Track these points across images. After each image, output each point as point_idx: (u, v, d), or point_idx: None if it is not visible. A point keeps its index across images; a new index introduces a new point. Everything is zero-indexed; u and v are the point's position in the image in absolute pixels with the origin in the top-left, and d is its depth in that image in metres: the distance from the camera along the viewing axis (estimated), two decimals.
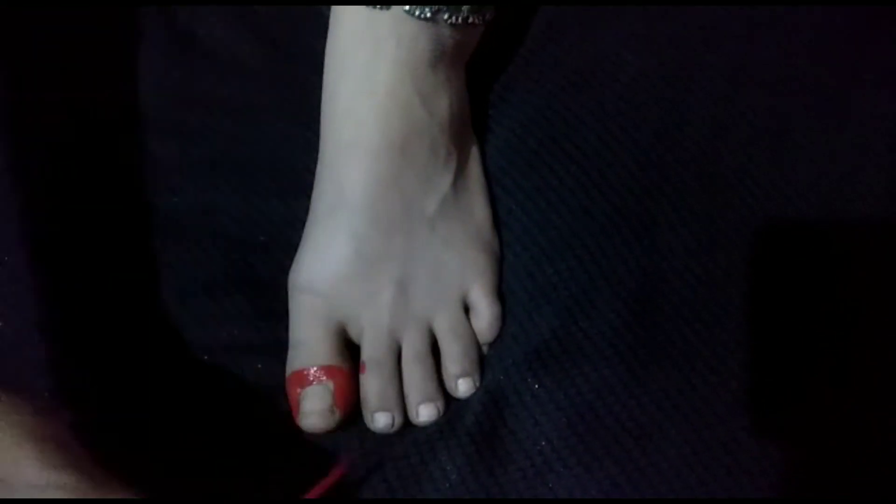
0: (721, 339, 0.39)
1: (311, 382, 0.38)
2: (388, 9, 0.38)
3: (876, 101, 0.43)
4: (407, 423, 0.39)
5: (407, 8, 0.38)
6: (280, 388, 0.39)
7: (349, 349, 0.40)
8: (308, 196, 0.41)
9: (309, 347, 0.39)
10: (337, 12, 0.40)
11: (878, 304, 0.39)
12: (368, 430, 0.39)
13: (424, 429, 0.39)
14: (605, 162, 0.42)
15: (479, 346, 0.41)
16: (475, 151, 0.43)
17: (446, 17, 0.39)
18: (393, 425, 0.39)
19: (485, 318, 0.41)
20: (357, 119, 0.39)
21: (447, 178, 0.41)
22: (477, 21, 0.40)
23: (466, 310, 0.41)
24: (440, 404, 0.39)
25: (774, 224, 0.41)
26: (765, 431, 0.37)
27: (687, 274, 0.40)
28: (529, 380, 0.39)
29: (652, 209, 0.41)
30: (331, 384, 0.38)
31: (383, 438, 0.39)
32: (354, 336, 0.40)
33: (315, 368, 0.38)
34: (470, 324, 0.41)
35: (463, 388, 0.40)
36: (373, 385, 0.39)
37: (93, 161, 0.43)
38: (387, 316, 0.39)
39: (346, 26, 0.39)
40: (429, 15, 0.38)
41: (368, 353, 0.39)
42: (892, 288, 0.39)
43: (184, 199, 0.43)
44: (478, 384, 0.40)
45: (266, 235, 0.43)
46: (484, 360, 0.41)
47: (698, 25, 0.45)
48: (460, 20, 0.39)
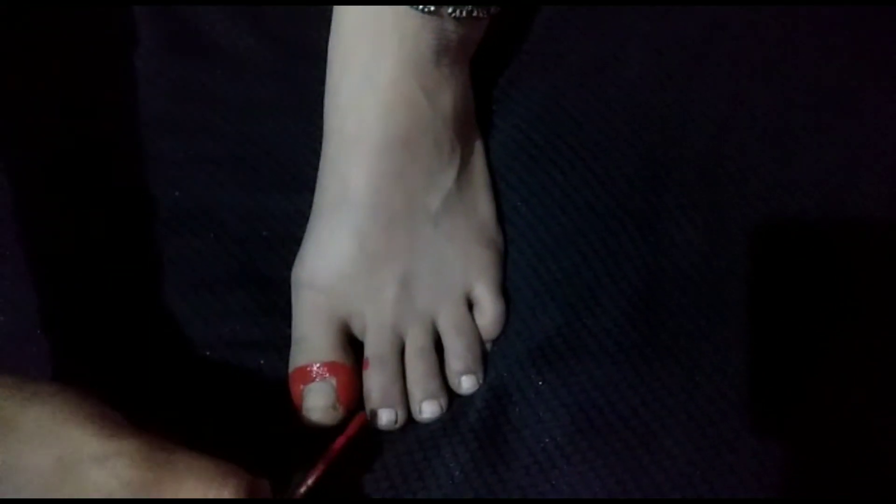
0: (724, 336, 0.39)
1: (313, 379, 0.38)
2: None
3: (881, 99, 0.43)
4: (410, 420, 0.39)
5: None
6: (283, 383, 0.39)
7: (352, 345, 0.40)
8: (311, 191, 0.41)
9: (312, 343, 0.39)
10: (339, 7, 0.39)
11: (880, 303, 0.39)
12: (371, 427, 0.39)
13: (428, 425, 0.39)
14: (609, 158, 0.42)
15: (482, 342, 0.41)
16: (479, 147, 0.43)
17: (450, 10, 0.38)
18: (396, 422, 0.39)
19: (488, 314, 0.40)
20: (360, 114, 0.39)
21: (451, 174, 0.41)
22: (481, 14, 0.40)
23: (470, 306, 0.41)
24: (443, 401, 0.39)
25: (778, 222, 0.41)
26: (767, 429, 0.37)
27: (691, 271, 0.40)
28: (533, 376, 0.39)
29: (656, 206, 0.41)
30: (334, 381, 0.38)
31: (386, 435, 0.39)
32: (357, 332, 0.40)
33: (318, 365, 0.38)
34: (473, 320, 0.41)
35: (466, 384, 0.40)
36: (376, 381, 0.39)
37: (94, 157, 0.43)
38: (390, 312, 0.39)
39: (348, 21, 0.39)
40: (432, 8, 0.38)
41: (372, 349, 0.39)
42: (894, 287, 0.39)
43: (186, 194, 0.43)
44: (481, 381, 0.40)
45: (268, 231, 0.42)
46: (487, 357, 0.41)
47: (702, 23, 0.45)
48: (464, 13, 0.39)
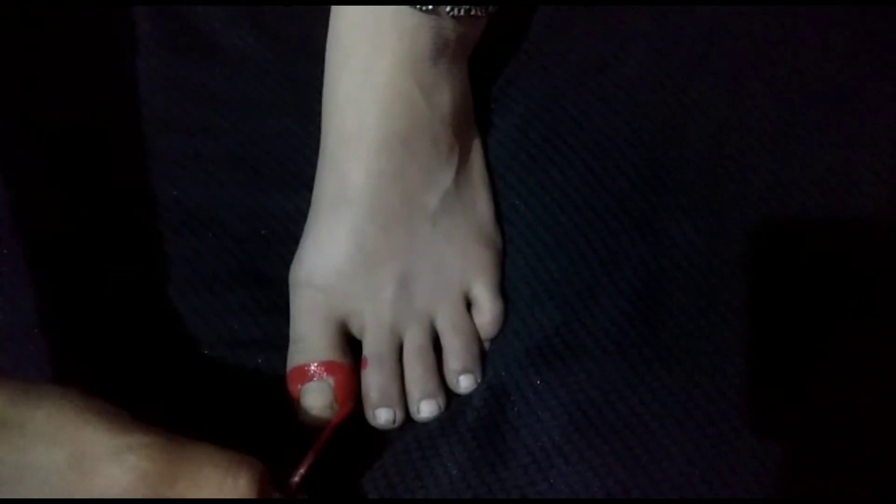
0: (723, 335, 0.39)
1: (311, 378, 0.38)
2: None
3: (881, 99, 0.42)
4: (408, 420, 0.39)
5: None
6: (281, 382, 0.39)
7: (350, 345, 0.40)
8: (309, 190, 0.41)
9: (310, 343, 0.39)
10: (338, 6, 0.39)
11: (880, 302, 0.39)
12: (369, 426, 0.39)
13: (426, 425, 0.39)
14: (608, 157, 0.42)
15: (480, 341, 0.41)
16: (478, 146, 0.43)
17: (448, 9, 0.38)
18: (394, 421, 0.39)
19: (487, 313, 0.40)
20: (358, 113, 0.39)
21: (449, 173, 0.41)
22: (479, 13, 0.40)
23: (468, 305, 0.41)
24: (441, 400, 0.39)
25: (778, 221, 0.41)
26: (767, 429, 0.37)
27: (690, 270, 0.40)
28: (531, 375, 0.39)
29: (655, 205, 0.41)
30: (331, 380, 0.38)
31: (384, 434, 0.39)
32: (356, 331, 0.40)
33: (316, 364, 0.38)
34: (472, 319, 0.41)
35: (464, 384, 0.40)
36: (374, 381, 0.39)
37: (94, 156, 0.43)
38: (388, 311, 0.39)
39: (347, 19, 0.39)
40: (430, 7, 0.38)
41: (370, 348, 0.39)
42: (894, 287, 0.39)
43: (185, 193, 0.43)
44: (479, 380, 0.40)
45: (267, 229, 0.42)
46: (486, 356, 0.41)
47: (703, 23, 0.44)
48: (462, 12, 0.39)
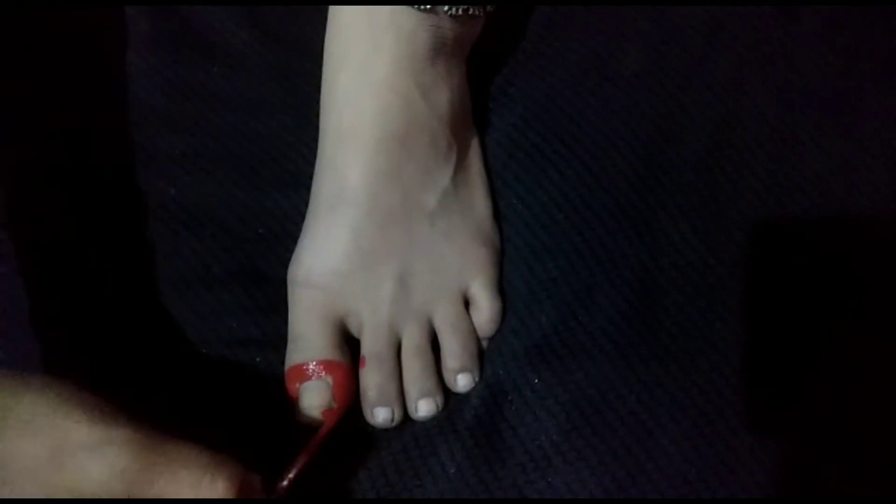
0: (721, 334, 0.39)
1: (310, 377, 0.38)
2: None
3: (881, 99, 0.42)
4: (406, 418, 0.39)
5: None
6: (279, 381, 0.39)
7: (348, 343, 0.40)
8: (307, 188, 0.41)
9: (308, 341, 0.39)
10: (336, 5, 0.39)
11: (879, 302, 0.39)
12: (367, 425, 0.39)
13: (424, 424, 0.39)
14: (606, 156, 0.42)
15: (478, 340, 0.41)
16: (476, 145, 0.43)
17: (446, 8, 0.38)
18: (392, 420, 0.39)
19: (485, 312, 0.40)
20: (356, 112, 0.39)
21: (447, 172, 0.41)
22: (477, 13, 0.40)
23: (466, 304, 0.41)
24: (439, 399, 0.39)
25: (776, 221, 0.41)
26: (765, 429, 0.37)
27: (687, 269, 0.40)
28: (529, 374, 0.39)
29: (653, 204, 0.41)
30: (330, 379, 0.38)
31: (383, 433, 0.39)
32: (354, 330, 0.40)
33: (314, 363, 0.38)
34: (470, 318, 0.41)
35: (462, 382, 0.40)
36: (372, 380, 0.39)
37: (92, 154, 0.43)
38: (386, 310, 0.39)
39: (344, 19, 0.39)
40: (428, 6, 0.38)
41: (368, 347, 0.39)
42: (893, 286, 0.39)
43: (183, 191, 0.43)
44: (477, 379, 0.40)
45: (265, 228, 0.42)
46: (483, 355, 0.41)
47: (701, 22, 0.44)
48: (460, 11, 0.39)
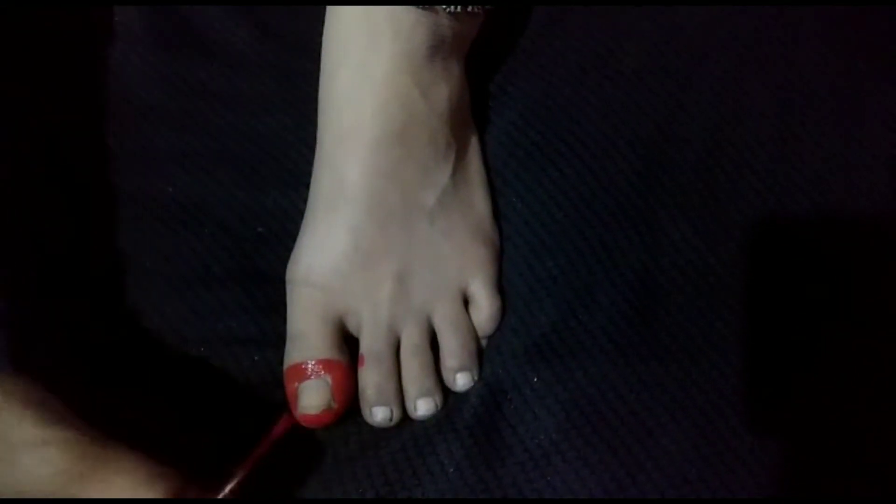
0: (721, 333, 0.39)
1: (309, 376, 0.38)
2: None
3: (881, 98, 0.42)
4: (405, 417, 0.39)
5: None
6: (277, 380, 0.39)
7: (347, 342, 0.40)
8: (307, 187, 0.41)
9: (307, 341, 0.39)
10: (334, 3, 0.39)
11: (879, 302, 0.39)
12: (366, 424, 0.39)
13: (422, 423, 0.39)
14: (606, 155, 0.42)
15: (478, 339, 0.41)
16: (475, 143, 0.43)
17: (445, 6, 0.38)
18: (391, 419, 0.39)
19: (485, 311, 0.40)
20: (355, 110, 0.39)
21: (447, 170, 0.40)
22: (476, 10, 0.40)
23: (466, 303, 0.41)
24: (438, 398, 0.39)
25: (776, 221, 0.40)
26: (765, 428, 0.37)
27: (687, 268, 0.40)
28: (528, 373, 0.39)
29: (653, 202, 0.41)
30: (329, 378, 0.38)
31: (381, 432, 0.39)
32: (353, 329, 0.40)
33: (313, 362, 0.38)
34: (469, 317, 0.41)
35: (461, 381, 0.40)
36: (371, 379, 0.39)
37: (89, 152, 0.43)
38: (385, 309, 0.39)
39: (342, 16, 0.39)
40: (427, 5, 0.38)
41: (367, 346, 0.39)
42: (893, 286, 0.39)
43: (181, 190, 0.43)
44: (476, 378, 0.40)
45: (264, 227, 0.42)
46: (483, 354, 0.41)
47: (702, 21, 0.44)
48: (459, 9, 0.39)
